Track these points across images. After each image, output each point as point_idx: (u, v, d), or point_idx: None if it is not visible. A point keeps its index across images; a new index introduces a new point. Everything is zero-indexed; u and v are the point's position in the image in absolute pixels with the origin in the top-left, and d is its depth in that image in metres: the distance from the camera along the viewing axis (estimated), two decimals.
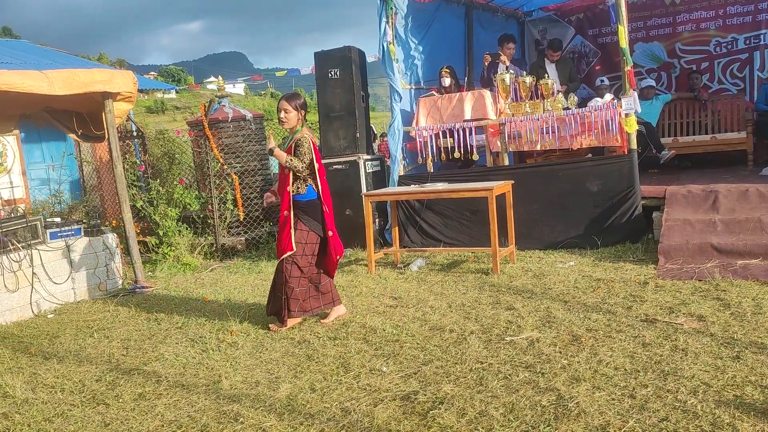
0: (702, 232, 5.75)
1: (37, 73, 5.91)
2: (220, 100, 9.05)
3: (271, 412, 3.35)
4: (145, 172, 8.91)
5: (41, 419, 3.53)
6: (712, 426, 2.76)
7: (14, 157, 10.61)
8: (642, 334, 3.96)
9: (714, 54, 9.79)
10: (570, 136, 6.65)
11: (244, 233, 8.58)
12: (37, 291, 6.06)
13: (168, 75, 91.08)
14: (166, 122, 41.65)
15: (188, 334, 4.92)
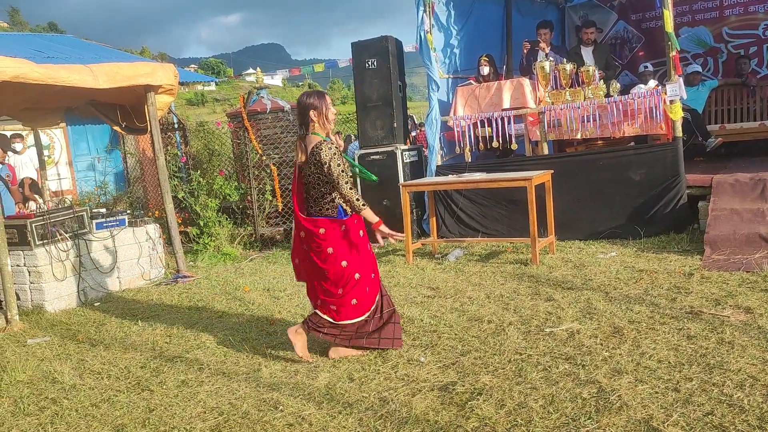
0: (750, 222, 5.58)
1: (82, 67, 6.05)
2: (259, 92, 9.14)
3: (310, 400, 3.38)
4: (186, 163, 9.06)
5: (88, 404, 3.63)
6: (759, 420, 2.68)
7: (61, 150, 10.93)
8: (687, 326, 3.86)
9: (763, 38, 9.44)
10: (612, 124, 6.51)
11: (282, 223, 8.67)
12: (84, 280, 6.24)
13: (208, 67, 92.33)
14: (206, 114, 42.32)
15: (229, 323, 5.00)
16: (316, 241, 3.82)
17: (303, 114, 3.82)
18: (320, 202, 3.82)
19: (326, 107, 3.81)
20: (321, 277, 3.89)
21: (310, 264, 3.92)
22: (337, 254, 3.82)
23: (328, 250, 3.81)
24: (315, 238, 3.82)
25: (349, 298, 3.89)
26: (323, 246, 3.81)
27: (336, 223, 3.81)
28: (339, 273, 3.83)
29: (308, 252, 3.89)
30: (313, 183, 3.80)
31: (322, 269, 3.86)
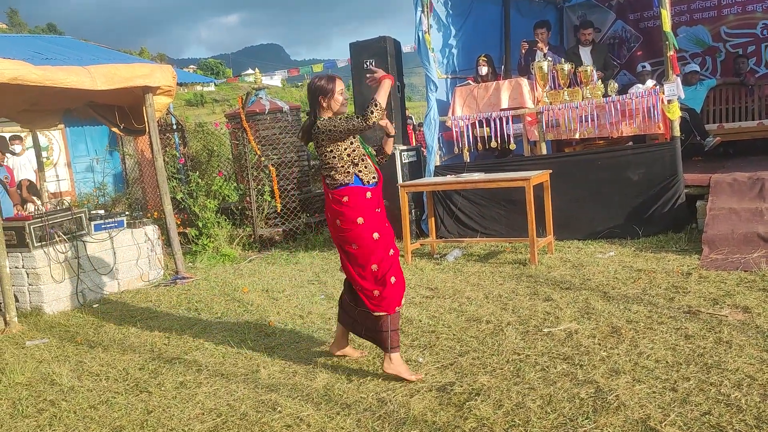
0: (748, 221, 5.58)
1: (80, 68, 6.05)
2: (257, 93, 9.14)
3: (309, 401, 3.39)
4: (185, 164, 9.06)
5: (86, 406, 3.64)
6: (757, 420, 2.69)
7: (60, 151, 10.93)
8: (684, 326, 3.87)
9: (761, 37, 9.44)
10: (610, 123, 6.51)
11: (281, 224, 8.67)
12: (83, 281, 6.23)
13: (207, 68, 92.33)
14: (206, 115, 42.31)
15: (227, 325, 5.00)
16: (343, 212, 3.54)
17: (312, 99, 3.60)
18: (335, 173, 3.53)
19: (335, 91, 3.54)
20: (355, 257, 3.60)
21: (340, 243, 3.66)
22: (368, 224, 3.55)
23: (359, 221, 3.52)
24: (341, 209, 3.54)
25: (389, 278, 3.59)
26: (352, 216, 3.52)
27: (356, 190, 3.54)
28: (376, 246, 3.55)
29: (336, 228, 3.61)
30: (326, 157, 3.54)
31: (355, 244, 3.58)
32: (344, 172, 3.53)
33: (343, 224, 3.54)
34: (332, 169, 3.53)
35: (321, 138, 3.50)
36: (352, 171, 3.54)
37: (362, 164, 3.57)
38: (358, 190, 3.52)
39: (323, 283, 6.03)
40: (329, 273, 6.41)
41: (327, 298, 5.47)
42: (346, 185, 3.53)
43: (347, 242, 3.57)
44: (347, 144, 3.53)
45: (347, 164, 3.53)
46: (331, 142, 3.49)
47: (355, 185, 3.52)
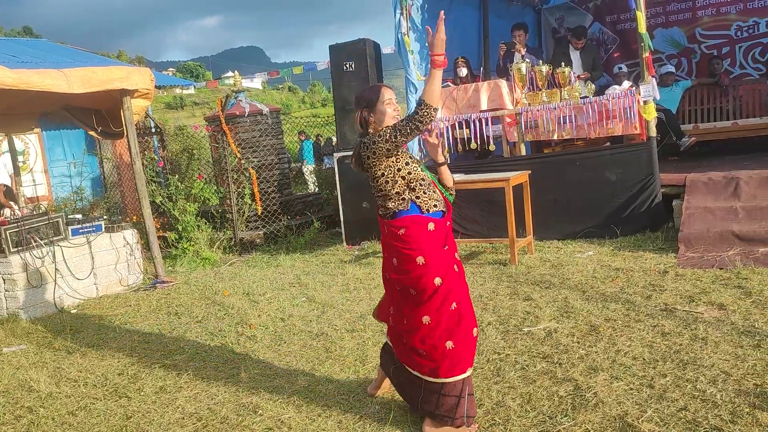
0: (723, 220, 5.67)
1: (56, 71, 5.98)
2: (237, 95, 9.10)
3: (290, 404, 3.38)
4: (164, 167, 8.99)
5: (65, 413, 3.60)
6: (732, 415, 2.73)
7: (37, 156, 10.79)
8: (661, 323, 3.92)
9: (735, 38, 9.60)
10: (588, 124, 6.57)
11: (262, 227, 8.64)
12: (60, 287, 6.16)
13: (186, 71, 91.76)
14: (185, 118, 42.03)
15: (208, 328, 4.97)
16: (399, 248, 2.90)
17: (359, 118, 3.05)
18: (389, 200, 2.94)
19: (379, 101, 2.99)
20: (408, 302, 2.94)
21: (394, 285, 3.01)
22: (431, 265, 2.87)
23: (419, 260, 2.85)
24: (398, 244, 2.91)
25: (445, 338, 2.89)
26: (410, 254, 2.87)
27: (417, 221, 2.91)
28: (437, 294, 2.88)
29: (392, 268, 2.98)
30: (376, 182, 2.96)
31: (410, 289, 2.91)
32: (399, 198, 2.91)
33: (403, 264, 2.88)
34: (385, 195, 2.93)
35: (367, 157, 2.91)
36: (408, 197, 2.91)
37: (420, 189, 2.93)
38: (418, 220, 2.88)
39: (304, 285, 6.02)
40: (310, 275, 6.40)
41: (308, 300, 5.46)
42: (401, 214, 2.90)
43: (405, 286, 2.91)
44: (402, 164, 2.93)
45: (402, 189, 2.92)
46: (378, 160, 2.89)
47: (414, 214, 2.89)
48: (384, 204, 2.96)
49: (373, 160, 2.90)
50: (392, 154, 2.90)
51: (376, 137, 2.88)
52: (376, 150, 2.87)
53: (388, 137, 2.84)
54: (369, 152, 2.89)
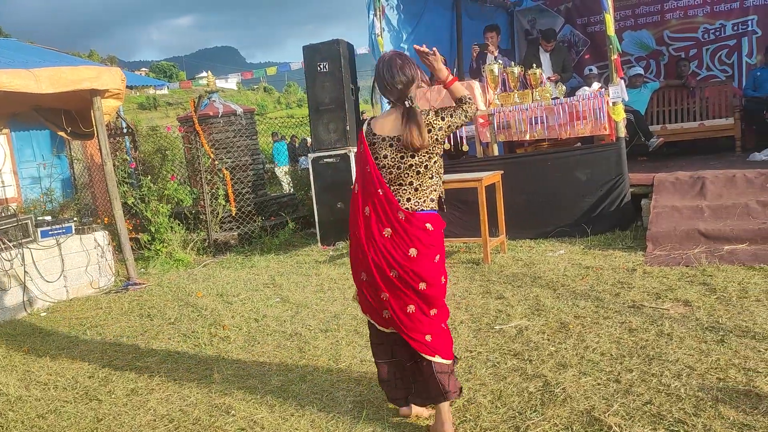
0: (689, 219, 5.80)
1: (24, 71, 5.90)
2: (210, 96, 9.05)
3: (263, 404, 3.39)
4: (136, 168, 8.91)
5: (34, 416, 3.56)
6: (695, 408, 2.81)
7: (5, 156, 10.59)
8: (629, 320, 4.00)
9: (702, 41, 9.83)
10: (558, 125, 6.67)
11: (236, 228, 8.60)
12: (29, 290, 6.07)
13: (160, 71, 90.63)
14: (159, 118, 41.56)
15: (181, 330, 4.95)
16: (424, 242, 2.76)
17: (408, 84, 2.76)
18: (420, 192, 2.78)
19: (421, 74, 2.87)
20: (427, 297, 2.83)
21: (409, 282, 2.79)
22: (442, 263, 2.88)
23: (436, 258, 2.82)
24: (422, 235, 2.75)
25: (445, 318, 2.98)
26: (433, 251, 2.80)
27: (441, 220, 2.85)
28: (442, 289, 2.88)
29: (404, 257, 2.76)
30: (416, 166, 2.73)
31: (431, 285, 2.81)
32: (433, 191, 2.81)
33: (421, 258, 2.76)
34: (423, 185, 2.77)
35: (439, 137, 2.73)
36: (437, 192, 2.84)
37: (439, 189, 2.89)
38: (440, 219, 2.83)
39: (279, 286, 6.01)
40: (285, 276, 6.40)
41: (282, 301, 5.46)
42: (430, 210, 2.79)
43: (414, 279, 2.76)
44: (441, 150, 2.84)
45: (437, 182, 2.84)
46: (442, 140, 2.76)
47: (437, 211, 2.85)
48: (419, 194, 2.75)
49: (443, 137, 2.75)
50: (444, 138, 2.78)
51: (452, 116, 2.75)
52: (452, 125, 2.76)
53: (461, 117, 2.76)
54: (444, 133, 2.73)
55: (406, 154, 2.70)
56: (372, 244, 2.77)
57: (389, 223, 2.74)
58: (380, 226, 2.76)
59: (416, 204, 2.75)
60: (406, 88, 2.74)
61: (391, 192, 2.74)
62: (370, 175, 2.75)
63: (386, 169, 2.74)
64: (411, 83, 2.76)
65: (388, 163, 2.74)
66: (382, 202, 2.74)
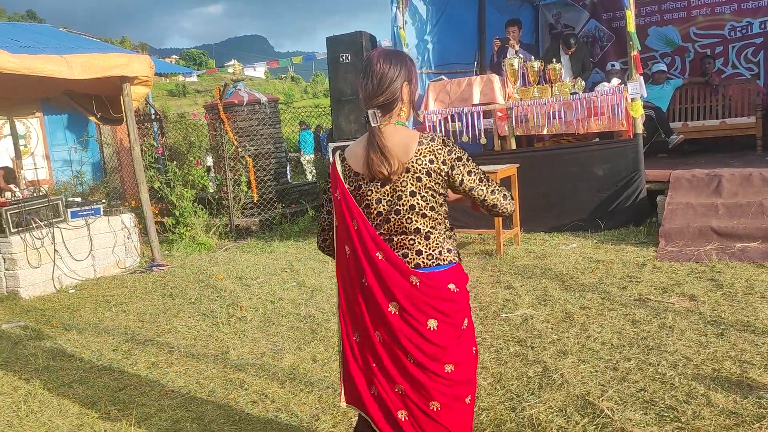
0: (703, 216, 5.83)
1: (57, 57, 6.13)
2: (236, 84, 9.24)
3: (274, 380, 3.56)
4: (163, 154, 9.15)
5: (60, 384, 3.78)
6: (687, 396, 2.91)
7: (38, 140, 10.94)
8: (633, 312, 4.09)
9: (728, 38, 9.73)
10: (576, 120, 6.73)
11: (258, 214, 8.80)
12: (59, 267, 6.33)
13: (189, 58, 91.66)
14: (187, 105, 42.08)
15: (200, 309, 5.15)
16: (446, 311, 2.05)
17: (389, 88, 2.05)
18: (433, 239, 2.07)
19: (417, 80, 2.18)
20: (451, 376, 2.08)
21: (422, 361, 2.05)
22: (471, 329, 2.17)
23: (464, 324, 2.12)
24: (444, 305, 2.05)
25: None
26: (459, 317, 2.09)
27: (464, 274, 2.16)
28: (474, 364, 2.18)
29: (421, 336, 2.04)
30: (419, 206, 2.03)
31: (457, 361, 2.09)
32: (448, 237, 2.12)
33: (446, 330, 2.06)
34: (435, 230, 2.07)
35: (445, 168, 2.04)
36: (453, 237, 2.16)
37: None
38: (464, 274, 2.16)
39: (296, 271, 6.19)
40: (302, 261, 6.58)
41: (298, 285, 5.63)
42: (451, 264, 2.09)
43: (438, 360, 2.06)
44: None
45: (448, 225, 2.16)
46: (446, 180, 2.06)
47: (459, 263, 2.14)
48: (429, 243, 2.06)
49: (447, 173, 2.04)
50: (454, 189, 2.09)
51: (467, 159, 2.07)
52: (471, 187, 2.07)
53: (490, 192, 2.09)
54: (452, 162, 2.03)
55: (404, 193, 2.02)
56: (381, 323, 2.06)
57: (400, 292, 2.02)
58: (386, 300, 2.04)
59: (431, 258, 2.05)
60: (382, 99, 2.06)
61: (394, 252, 2.04)
62: (360, 233, 2.04)
63: (381, 217, 2.06)
64: (387, 92, 2.05)
65: (384, 209, 2.05)
66: (385, 269, 2.02)
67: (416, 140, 2.03)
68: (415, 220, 2.04)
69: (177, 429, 3.09)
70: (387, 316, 2.04)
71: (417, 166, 2.01)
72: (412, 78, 2.11)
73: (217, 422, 3.12)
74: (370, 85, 2.05)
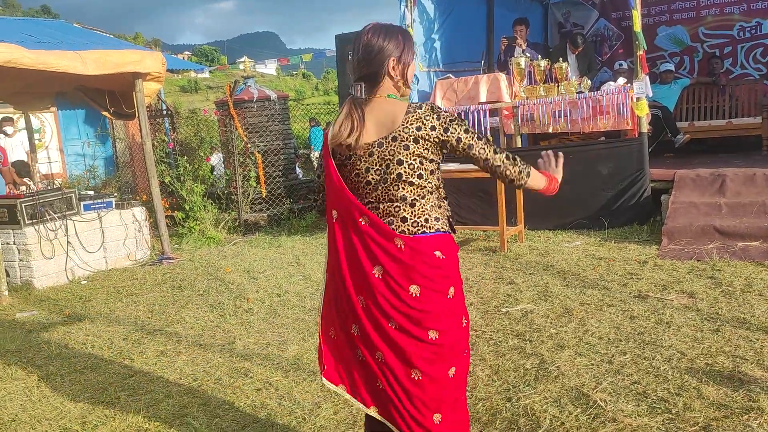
0: (706, 215, 5.88)
1: (71, 53, 6.27)
2: (246, 81, 9.36)
3: (279, 369, 3.67)
4: (174, 149, 9.29)
5: (72, 370, 3.90)
6: (679, 389, 2.99)
7: (52, 134, 11.13)
8: (631, 308, 4.17)
9: (737, 39, 9.74)
10: (582, 119, 6.78)
11: (266, 209, 8.92)
12: (72, 259, 6.48)
13: (202, 55, 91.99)
14: (199, 101, 42.31)
15: (208, 301, 5.27)
16: (429, 276, 2.05)
17: (374, 60, 2.06)
18: (419, 207, 2.08)
19: (412, 57, 2.14)
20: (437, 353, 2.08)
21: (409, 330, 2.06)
22: (459, 299, 2.15)
23: (450, 292, 2.10)
24: (428, 270, 2.05)
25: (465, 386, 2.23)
26: (444, 284, 2.08)
27: (453, 244, 2.16)
28: (463, 337, 2.16)
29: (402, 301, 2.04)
30: (405, 174, 2.04)
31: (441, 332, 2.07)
32: (436, 206, 2.13)
33: (429, 296, 2.05)
34: (422, 199, 2.09)
35: (433, 135, 2.04)
36: (444, 207, 2.17)
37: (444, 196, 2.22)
38: (453, 242, 2.15)
39: (302, 265, 6.30)
40: (309, 256, 6.68)
41: (304, 278, 5.74)
42: (437, 231, 2.09)
43: (420, 326, 2.05)
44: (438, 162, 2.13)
45: (441, 195, 2.18)
46: (437, 148, 2.07)
47: (448, 232, 2.14)
48: (415, 210, 2.07)
49: (437, 139, 2.04)
50: (453, 152, 2.10)
51: (459, 121, 2.06)
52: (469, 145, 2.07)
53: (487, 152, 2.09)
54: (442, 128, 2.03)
55: (392, 161, 2.04)
56: (365, 288, 2.07)
57: (384, 256, 2.04)
58: (370, 264, 2.06)
59: (416, 225, 2.06)
60: (366, 71, 2.07)
61: (378, 217, 2.07)
62: (344, 199, 2.09)
63: (371, 186, 2.08)
64: (372, 64, 2.06)
65: (373, 178, 2.07)
66: (369, 233, 2.06)
67: (404, 110, 2.05)
68: (402, 188, 2.06)
69: (184, 414, 3.20)
70: (371, 279, 2.05)
71: (404, 134, 2.02)
72: (404, 53, 2.09)
73: (222, 408, 3.23)
74: (355, 58, 2.08)
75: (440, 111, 2.06)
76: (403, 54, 2.09)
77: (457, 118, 2.07)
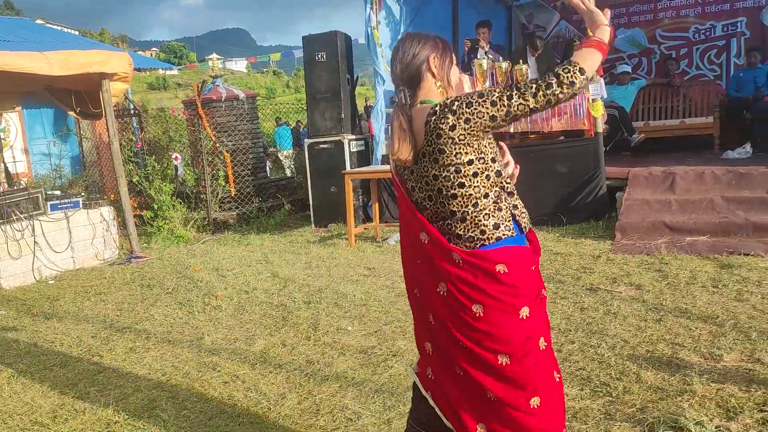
0: (657, 211, 6.16)
1: (37, 54, 6.29)
2: (214, 80, 9.42)
3: (245, 363, 3.80)
4: (142, 148, 9.32)
5: (42, 368, 3.99)
6: (620, 374, 3.20)
7: (17, 133, 11.02)
8: (582, 300, 4.39)
9: (693, 40, 10.13)
10: (541, 119, 7.03)
11: (235, 208, 9.01)
12: (39, 259, 6.50)
13: (170, 51, 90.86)
14: (168, 99, 41.85)
15: (177, 299, 5.37)
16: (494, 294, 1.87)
17: (412, 62, 2.01)
18: (470, 220, 1.91)
19: (452, 60, 2.10)
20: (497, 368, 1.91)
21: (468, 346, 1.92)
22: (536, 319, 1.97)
23: (523, 312, 1.91)
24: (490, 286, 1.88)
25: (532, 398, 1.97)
26: (512, 303, 1.89)
27: (522, 254, 1.95)
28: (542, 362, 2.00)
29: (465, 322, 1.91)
30: (445, 188, 1.91)
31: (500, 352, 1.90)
32: (494, 211, 1.93)
33: (490, 317, 1.88)
34: (472, 211, 1.91)
35: (456, 135, 1.84)
36: (506, 207, 1.97)
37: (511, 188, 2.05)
38: (522, 253, 1.94)
39: (270, 262, 6.42)
40: (277, 254, 6.81)
41: (272, 276, 5.87)
42: (500, 242, 1.90)
43: (488, 349, 1.90)
44: (492, 149, 1.95)
45: (499, 193, 1.96)
46: (470, 142, 1.87)
47: (516, 244, 1.93)
48: (467, 219, 1.90)
49: (461, 142, 1.85)
50: (496, 128, 1.86)
51: (480, 98, 1.83)
52: (478, 123, 1.84)
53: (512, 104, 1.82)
54: (465, 126, 1.83)
55: (428, 177, 1.91)
56: (431, 306, 2.00)
57: (446, 273, 1.90)
58: (434, 281, 1.94)
59: (472, 240, 1.89)
60: (406, 74, 2.01)
61: (437, 231, 1.93)
62: (409, 219, 2.02)
63: (419, 205, 1.99)
64: (411, 66, 2.00)
65: (419, 197, 1.97)
66: (430, 249, 1.95)
67: (425, 119, 1.89)
68: (447, 204, 1.91)
69: (153, 407, 3.32)
70: (435, 299, 1.95)
71: (428, 148, 1.88)
72: (441, 52, 2.02)
73: (190, 400, 3.36)
74: (395, 64, 2.02)
75: (452, 102, 1.85)
76: (442, 53, 2.03)
77: (474, 97, 1.83)
